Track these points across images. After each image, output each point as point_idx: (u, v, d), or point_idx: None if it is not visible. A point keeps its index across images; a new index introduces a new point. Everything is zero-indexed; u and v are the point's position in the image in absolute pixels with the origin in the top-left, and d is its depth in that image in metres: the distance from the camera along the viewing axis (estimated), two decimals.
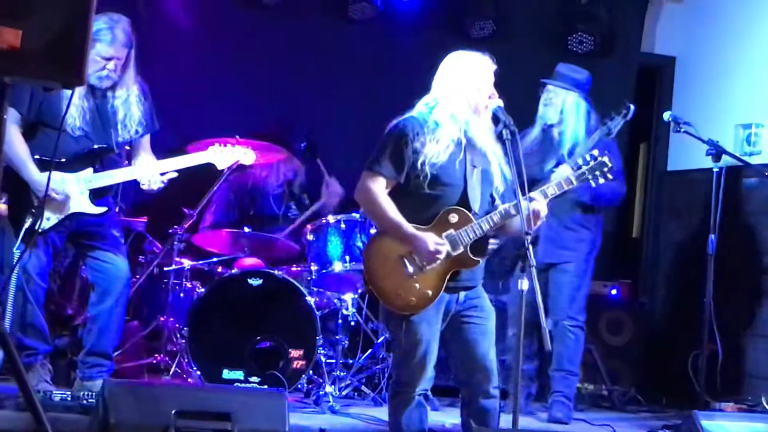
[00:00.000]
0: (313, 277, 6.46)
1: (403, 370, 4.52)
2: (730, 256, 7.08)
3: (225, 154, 5.81)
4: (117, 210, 5.94)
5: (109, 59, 5.46)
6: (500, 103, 4.51)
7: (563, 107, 6.41)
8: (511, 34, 8.11)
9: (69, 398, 5.11)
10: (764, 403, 6.92)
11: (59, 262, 6.34)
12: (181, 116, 6.84)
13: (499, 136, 4.50)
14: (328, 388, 6.15)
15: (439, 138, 4.43)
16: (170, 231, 6.34)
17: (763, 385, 7.24)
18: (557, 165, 6.03)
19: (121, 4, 6.38)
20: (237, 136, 5.93)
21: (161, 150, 5.81)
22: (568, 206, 6.27)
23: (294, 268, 6.68)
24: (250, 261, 6.79)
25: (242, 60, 7.75)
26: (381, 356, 6.58)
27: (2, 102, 3.46)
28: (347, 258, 6.34)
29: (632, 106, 6.04)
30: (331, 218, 6.45)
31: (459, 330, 4.52)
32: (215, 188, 6.10)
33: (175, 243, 6.42)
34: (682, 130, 6.47)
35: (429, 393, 4.60)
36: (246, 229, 6.67)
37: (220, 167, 5.84)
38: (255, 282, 6.26)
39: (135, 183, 5.67)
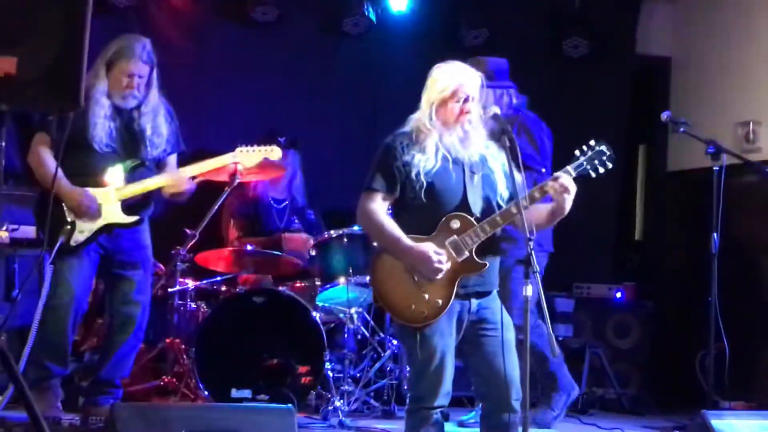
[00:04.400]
0: (318, 292, 6.46)
1: (419, 384, 4.47)
2: (734, 254, 7.06)
3: (252, 153, 5.84)
4: None
5: (131, 75, 5.51)
6: (496, 110, 4.51)
7: None
8: (506, 42, 8.11)
9: (78, 423, 5.11)
10: None
11: None
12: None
13: (498, 142, 4.48)
14: (337, 403, 6.14)
15: (425, 146, 4.44)
16: (172, 252, 6.34)
17: None
18: None
19: (118, 28, 6.43)
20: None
21: None
22: None
23: (298, 284, 6.68)
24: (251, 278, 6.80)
25: (237, 77, 7.77)
26: (389, 369, 6.57)
27: (0, 129, 3.47)
28: (351, 272, 6.34)
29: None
30: (333, 233, 6.45)
31: (476, 343, 4.48)
32: (216, 207, 6.10)
33: (178, 264, 6.41)
34: (680, 130, 6.46)
35: (445, 410, 4.56)
36: (249, 247, 6.67)
37: (248, 165, 5.86)
38: (259, 300, 6.26)
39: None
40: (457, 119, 4.46)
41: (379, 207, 4.46)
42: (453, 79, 4.49)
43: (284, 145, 7.16)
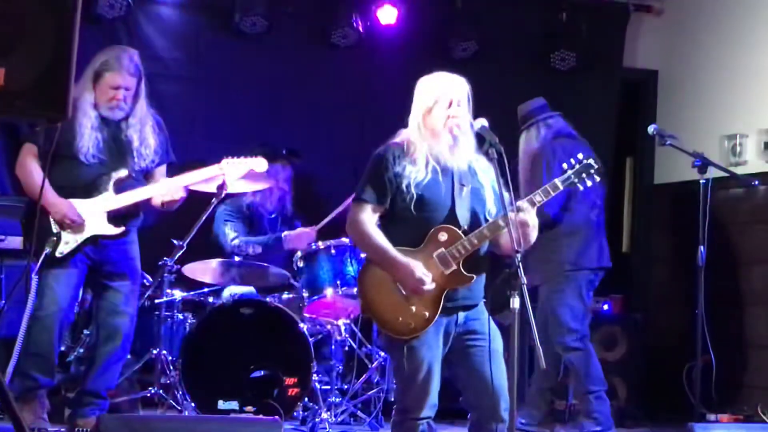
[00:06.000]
0: (305, 303, 6.46)
1: (406, 396, 4.47)
2: (720, 266, 7.10)
3: (238, 165, 5.83)
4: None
5: (118, 88, 5.51)
6: (484, 122, 4.50)
7: None
8: (494, 54, 8.15)
9: None
10: (760, 413, 6.92)
11: None
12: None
13: (486, 155, 4.48)
14: (324, 415, 6.14)
15: (416, 158, 4.45)
16: (160, 263, 6.32)
17: (758, 395, 7.24)
18: None
19: (106, 39, 6.43)
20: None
21: None
22: None
23: (285, 296, 6.68)
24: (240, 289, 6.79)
25: (226, 88, 7.77)
26: (376, 381, 6.57)
27: None
28: (338, 283, 6.34)
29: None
30: (321, 244, 6.45)
31: (464, 354, 4.48)
32: (203, 218, 6.09)
33: (165, 275, 6.40)
34: (667, 143, 6.49)
35: (432, 422, 4.56)
36: (236, 258, 6.66)
37: (233, 178, 5.86)
38: (247, 311, 6.25)
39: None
40: (445, 125, 4.47)
41: (368, 218, 4.46)
42: (437, 85, 4.52)
43: (284, 156, 7.18)
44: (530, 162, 6.49)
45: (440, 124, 4.47)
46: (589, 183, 4.56)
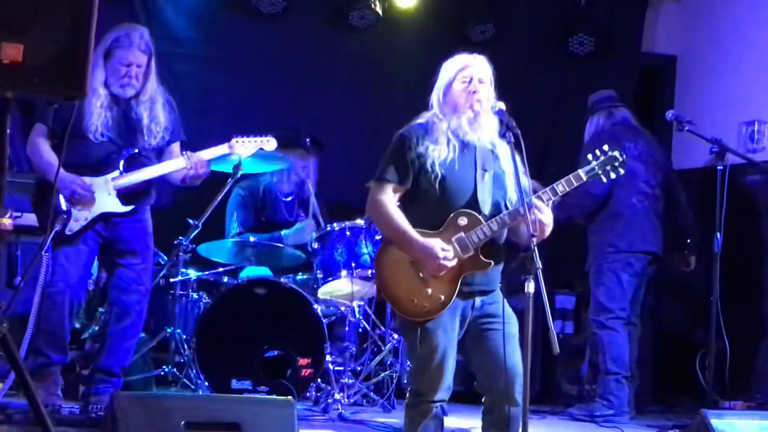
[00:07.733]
0: (319, 284, 6.46)
1: (420, 378, 4.48)
2: (736, 253, 7.06)
3: (248, 144, 5.84)
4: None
5: (128, 65, 5.50)
6: (502, 105, 4.49)
7: None
8: (512, 37, 8.12)
9: (78, 411, 5.11)
10: None
11: None
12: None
13: (504, 138, 4.47)
14: (337, 396, 6.14)
15: (437, 138, 4.45)
16: (175, 242, 6.34)
17: None
18: None
19: (124, 18, 6.42)
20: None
21: None
22: None
23: (300, 276, 6.68)
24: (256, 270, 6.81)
25: (244, 68, 7.77)
26: (389, 362, 6.57)
27: (4, 116, 3.47)
28: (353, 265, 6.34)
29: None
30: (336, 226, 6.45)
31: (479, 337, 4.48)
32: (219, 198, 6.09)
33: (181, 254, 6.41)
34: (685, 129, 6.46)
35: (445, 405, 4.56)
36: (251, 238, 6.67)
37: (243, 156, 5.85)
38: (261, 291, 6.26)
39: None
40: (466, 100, 4.46)
41: (389, 198, 4.46)
42: (457, 62, 4.55)
43: (309, 146, 7.18)
44: (590, 147, 6.50)
45: (461, 99, 4.48)
46: (613, 175, 4.55)
